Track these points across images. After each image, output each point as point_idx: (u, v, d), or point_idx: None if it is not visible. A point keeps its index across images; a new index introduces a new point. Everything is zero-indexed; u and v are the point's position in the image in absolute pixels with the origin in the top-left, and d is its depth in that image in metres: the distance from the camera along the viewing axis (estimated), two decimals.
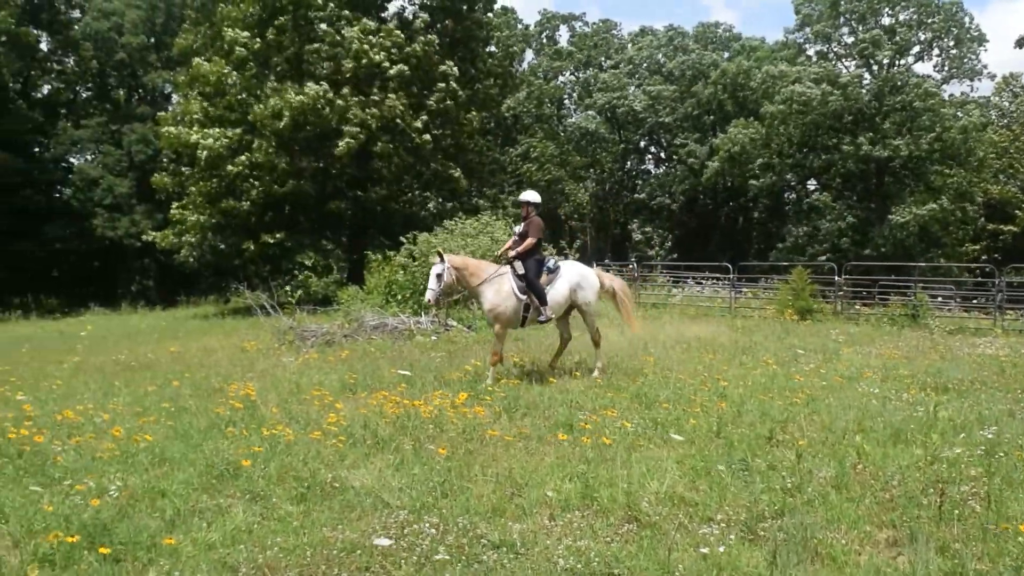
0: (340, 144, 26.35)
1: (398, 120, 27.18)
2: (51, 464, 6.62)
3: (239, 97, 28.23)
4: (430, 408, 7.98)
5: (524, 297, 9.98)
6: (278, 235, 27.70)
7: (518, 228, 10.55)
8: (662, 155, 58.06)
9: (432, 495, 5.66)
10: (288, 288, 27.92)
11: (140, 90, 48.07)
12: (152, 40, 45.52)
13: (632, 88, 52.93)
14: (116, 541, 4.91)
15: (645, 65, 55.10)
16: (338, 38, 27.86)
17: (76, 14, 46.27)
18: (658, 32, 57.30)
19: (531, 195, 10.64)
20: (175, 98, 44.97)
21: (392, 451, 6.75)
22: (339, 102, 26.69)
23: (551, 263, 10.45)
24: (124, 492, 5.83)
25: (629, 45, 57.46)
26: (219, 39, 29.02)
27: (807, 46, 47.85)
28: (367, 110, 27.05)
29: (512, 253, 10.27)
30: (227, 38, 28.09)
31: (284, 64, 28.79)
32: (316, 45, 27.96)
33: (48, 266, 40.35)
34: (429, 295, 10.04)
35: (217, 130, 27.48)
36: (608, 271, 30.57)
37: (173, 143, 28.30)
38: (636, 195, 55.23)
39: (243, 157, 26.99)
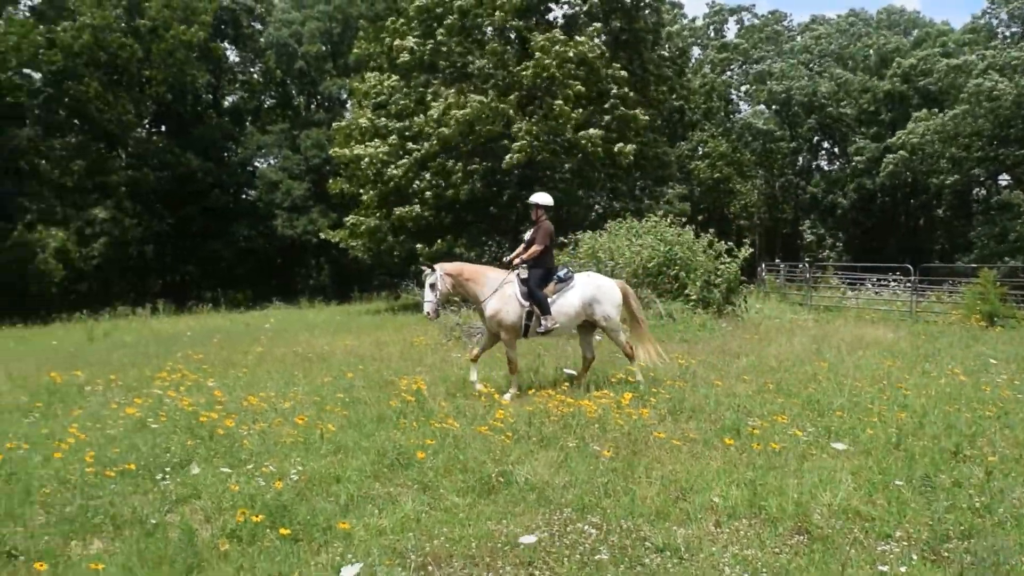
0: (507, 158, 26.72)
1: (565, 125, 27.24)
2: (238, 447, 7.08)
3: (404, 103, 29.19)
4: (595, 407, 7.97)
5: (527, 304, 9.43)
6: (448, 239, 28.51)
7: (527, 234, 9.94)
8: (836, 151, 55.46)
9: (595, 495, 5.65)
10: None
11: (318, 97, 50.65)
12: (329, 49, 47.84)
13: (806, 78, 50.52)
14: (295, 522, 5.20)
15: (820, 52, 52.63)
16: (505, 43, 28.30)
17: (258, 26, 49.38)
18: (831, 20, 54.82)
19: (541, 197, 9.92)
20: (349, 104, 47.17)
21: (556, 449, 6.78)
22: (508, 111, 27.02)
23: (563, 272, 9.79)
24: (303, 476, 6.16)
25: (800, 36, 55.18)
26: (389, 49, 30.12)
27: (1000, 29, 44.33)
28: (533, 117, 27.32)
29: (517, 260, 9.74)
30: (394, 46, 29.13)
31: (450, 70, 29.51)
32: (483, 50, 28.50)
33: (235, 263, 43.19)
34: (427, 307, 9.49)
35: (379, 140, 28.55)
36: (777, 273, 29.39)
37: (341, 159, 29.82)
38: (807, 193, 52.98)
39: (404, 161, 27.88)
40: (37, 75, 39.74)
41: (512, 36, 29.65)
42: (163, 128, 45.57)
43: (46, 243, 36.02)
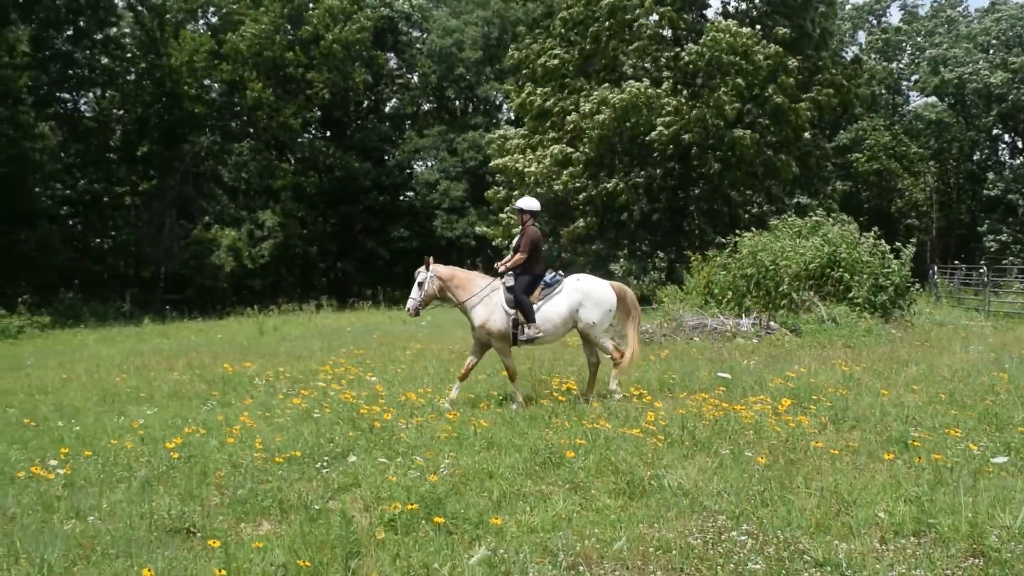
0: (653, 133, 26.33)
1: (719, 118, 26.66)
2: (396, 440, 7.32)
3: (557, 108, 29.37)
4: (750, 413, 7.75)
5: (513, 312, 9.11)
6: (600, 246, 28.60)
7: (515, 240, 9.61)
8: (1019, 144, 51.32)
9: (751, 503, 5.48)
10: None
11: (474, 101, 51.68)
12: (486, 53, 48.72)
13: (983, 64, 46.89)
14: (448, 514, 5.31)
15: (1000, 37, 48.79)
16: (657, 36, 28.00)
17: (416, 33, 50.93)
18: (1012, 2, 50.78)
19: (527, 202, 9.62)
20: (505, 108, 47.90)
21: (710, 454, 6.63)
22: (663, 97, 26.66)
23: (549, 277, 9.38)
24: (457, 471, 6.30)
25: (978, 21, 51.38)
26: (536, 58, 30.39)
27: None
28: (688, 105, 26.86)
29: (503, 267, 9.44)
30: (538, 63, 29.40)
31: (602, 69, 29.44)
32: (635, 45, 28.26)
33: (393, 262, 44.67)
34: (410, 303, 9.50)
35: (540, 152, 28.82)
36: (951, 276, 27.59)
37: (501, 171, 30.27)
38: (987, 191, 49.20)
39: (565, 175, 28.02)
40: (214, 86, 42.58)
41: (667, 33, 29.27)
42: (327, 133, 47.70)
43: (220, 242, 38.46)
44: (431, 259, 9.65)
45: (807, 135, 31.04)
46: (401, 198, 47.36)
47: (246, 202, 42.68)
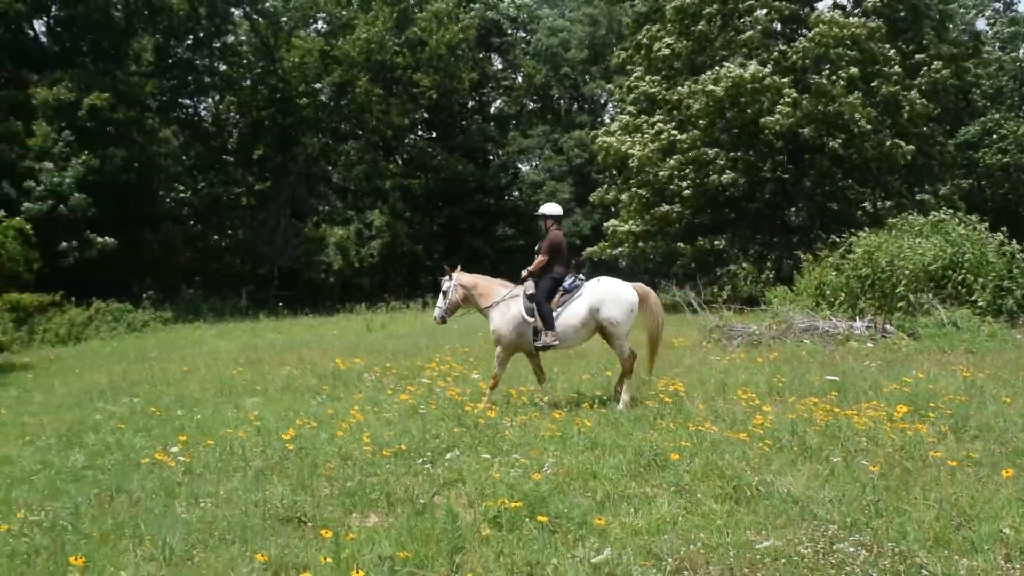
0: (767, 119, 25.65)
1: (833, 107, 25.77)
2: (500, 437, 7.37)
3: (665, 96, 28.99)
4: (864, 420, 7.47)
5: (532, 319, 9.11)
6: (713, 241, 28.10)
7: (538, 244, 9.61)
8: None
9: (864, 513, 5.28)
10: (716, 287, 28.06)
11: (579, 100, 51.56)
12: (592, 52, 48.52)
13: None
14: (551, 513, 5.32)
15: None
16: (768, 30, 27.33)
17: (521, 33, 51.11)
18: None
19: (549, 208, 9.70)
20: (610, 107, 47.59)
21: (821, 461, 6.43)
22: (773, 84, 25.95)
23: (568, 282, 9.31)
24: (561, 470, 6.30)
25: None
26: (647, 51, 30.04)
27: None
28: (802, 95, 26.09)
29: (524, 272, 9.44)
30: (652, 48, 29.05)
31: (710, 63, 28.90)
32: (747, 35, 27.65)
33: (498, 262, 44.96)
34: (436, 312, 9.78)
35: (647, 135, 28.47)
36: None
37: (607, 154, 29.93)
38: None
39: (673, 161, 27.63)
40: (323, 89, 43.82)
41: (776, 26, 28.57)
42: (432, 134, 48.42)
43: (329, 241, 39.55)
44: (457, 268, 9.92)
45: (925, 128, 29.74)
46: (506, 198, 47.66)
47: (355, 202, 43.78)
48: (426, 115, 46.68)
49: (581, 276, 9.58)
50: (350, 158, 43.71)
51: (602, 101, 50.51)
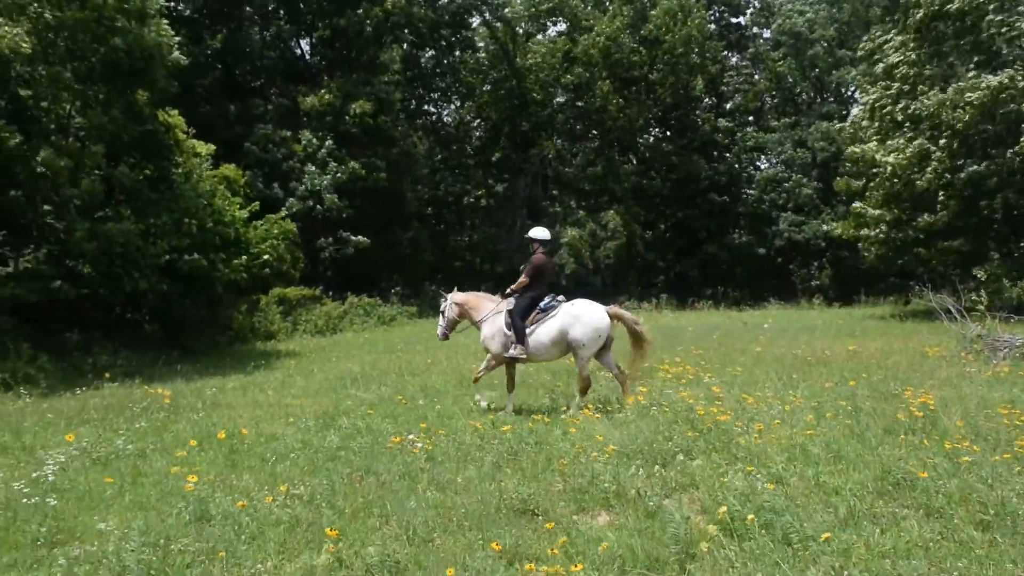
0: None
1: None
2: (734, 444, 7.16)
3: (918, 78, 26.79)
4: None
5: (509, 333, 9.84)
6: (971, 242, 25.73)
7: (523, 265, 10.50)
8: None
9: None
10: (977, 293, 25.65)
11: (823, 90, 48.89)
12: (837, 40, 45.88)
13: None
14: (787, 527, 5.09)
15: None
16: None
17: (756, 29, 49.26)
18: None
19: (537, 232, 10.40)
20: (858, 97, 44.75)
21: None
22: None
23: (545, 302, 9.99)
24: (799, 482, 6.02)
25: None
26: (904, 13, 27.89)
27: None
28: None
29: (508, 290, 10.24)
30: (894, 45, 26.98)
31: (961, 54, 26.36)
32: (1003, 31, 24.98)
33: (734, 262, 43.74)
34: (438, 330, 10.85)
35: (901, 141, 26.48)
36: None
37: (856, 160, 28.24)
38: None
39: (930, 173, 25.55)
40: (560, 91, 44.57)
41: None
42: (667, 133, 47.83)
43: (562, 242, 40.15)
44: (454, 289, 11.05)
45: None
46: (743, 196, 46.22)
47: (589, 203, 44.19)
48: (660, 113, 46.18)
49: (560, 297, 10.21)
50: (586, 158, 44.21)
51: (849, 91, 47.58)
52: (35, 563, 5.08)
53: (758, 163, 46.78)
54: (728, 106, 47.77)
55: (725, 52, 47.77)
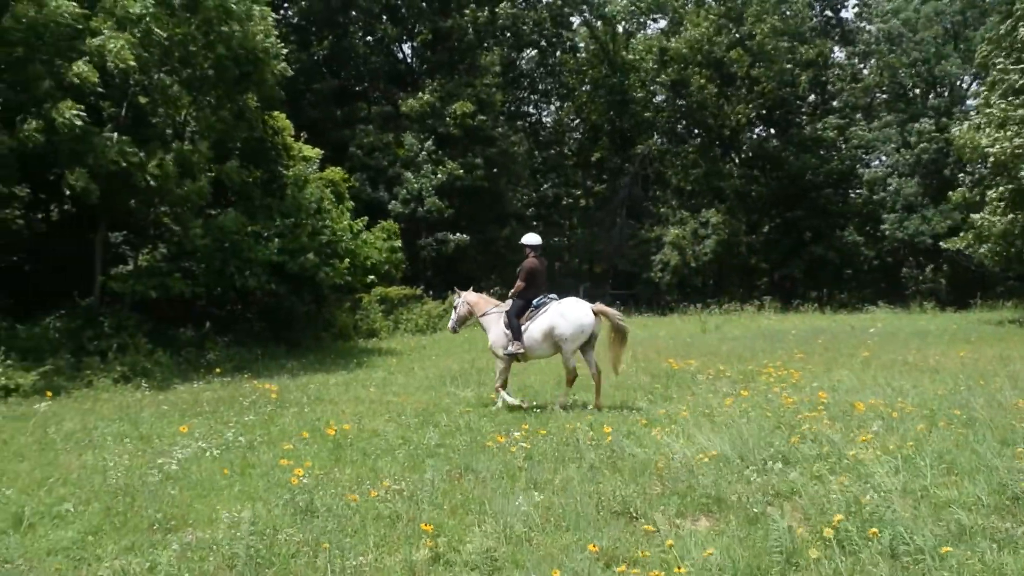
0: None
1: None
2: (838, 451, 6.93)
3: None
4: None
5: (508, 332, 10.65)
6: None
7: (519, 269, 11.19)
8: None
9: None
10: None
11: (936, 86, 46.80)
12: (950, 32, 43.88)
13: None
14: (891, 540, 4.91)
15: None
16: None
17: (864, 24, 47.45)
18: None
19: (528, 238, 11.06)
20: (971, 89, 42.76)
21: None
22: None
23: (537, 301, 10.71)
24: (907, 493, 5.81)
25: None
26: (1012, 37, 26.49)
27: None
28: None
29: (510, 293, 10.98)
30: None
31: None
32: None
33: (841, 263, 42.36)
34: (450, 323, 11.77)
35: (1011, 131, 25.14)
36: None
37: (964, 150, 26.94)
38: None
39: None
40: (660, 89, 44.05)
41: None
42: (771, 131, 46.69)
43: (665, 241, 39.64)
44: (470, 288, 12.06)
45: None
46: (850, 196, 44.71)
47: (691, 202, 43.55)
48: (763, 111, 45.10)
49: (552, 296, 10.86)
50: (687, 158, 43.60)
51: (963, 84, 45.44)
52: (151, 547, 5.32)
53: (866, 161, 45.10)
54: (835, 103, 46.24)
55: (832, 48, 46.33)
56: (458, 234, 32.20)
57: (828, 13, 47.10)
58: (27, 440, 8.89)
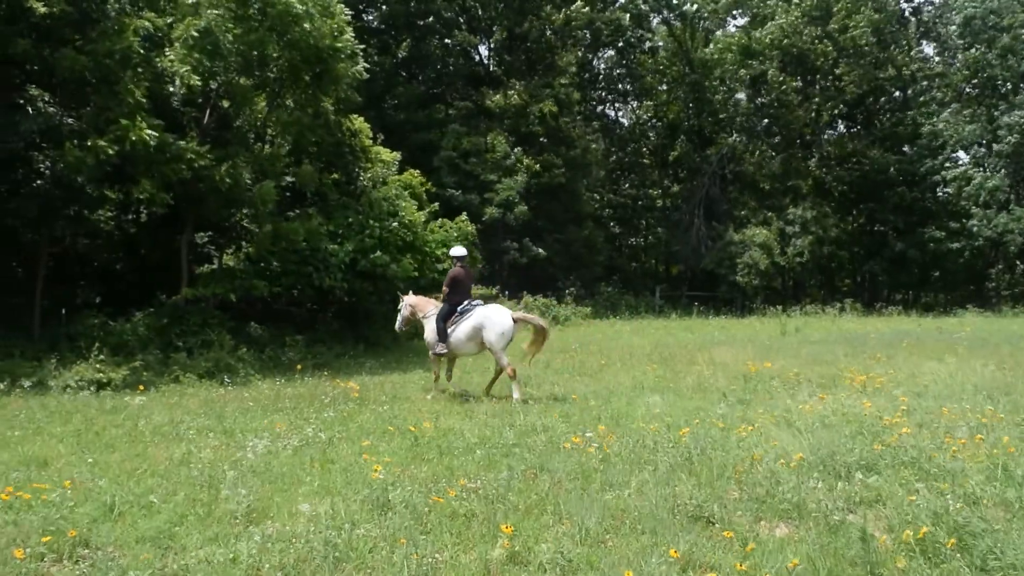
0: None
1: None
2: (924, 458, 6.73)
3: None
4: None
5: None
6: None
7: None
8: None
9: None
10: None
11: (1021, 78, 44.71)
12: None
13: None
14: (981, 552, 4.75)
15: None
16: None
17: (946, 14, 45.74)
18: None
19: (455, 250, 12.50)
20: None
21: None
22: None
23: (463, 306, 11.83)
24: (997, 505, 5.60)
25: None
26: None
27: None
28: None
29: (440, 297, 12.38)
30: None
31: None
32: None
33: (927, 264, 40.97)
34: (396, 325, 13.08)
35: None
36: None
37: None
38: None
39: None
40: (740, 86, 43.28)
41: None
42: (853, 128, 45.41)
43: (745, 241, 38.82)
44: (409, 292, 13.36)
45: None
46: (938, 193, 43.15)
47: (771, 201, 42.68)
48: (845, 108, 43.89)
49: (478, 301, 12.04)
50: (767, 156, 42.76)
51: None
52: (234, 538, 5.47)
53: (952, 156, 43.40)
54: (922, 99, 44.71)
55: (918, 42, 44.85)
56: (540, 249, 32.27)
57: (914, 3, 45.68)
58: (118, 432, 9.24)
